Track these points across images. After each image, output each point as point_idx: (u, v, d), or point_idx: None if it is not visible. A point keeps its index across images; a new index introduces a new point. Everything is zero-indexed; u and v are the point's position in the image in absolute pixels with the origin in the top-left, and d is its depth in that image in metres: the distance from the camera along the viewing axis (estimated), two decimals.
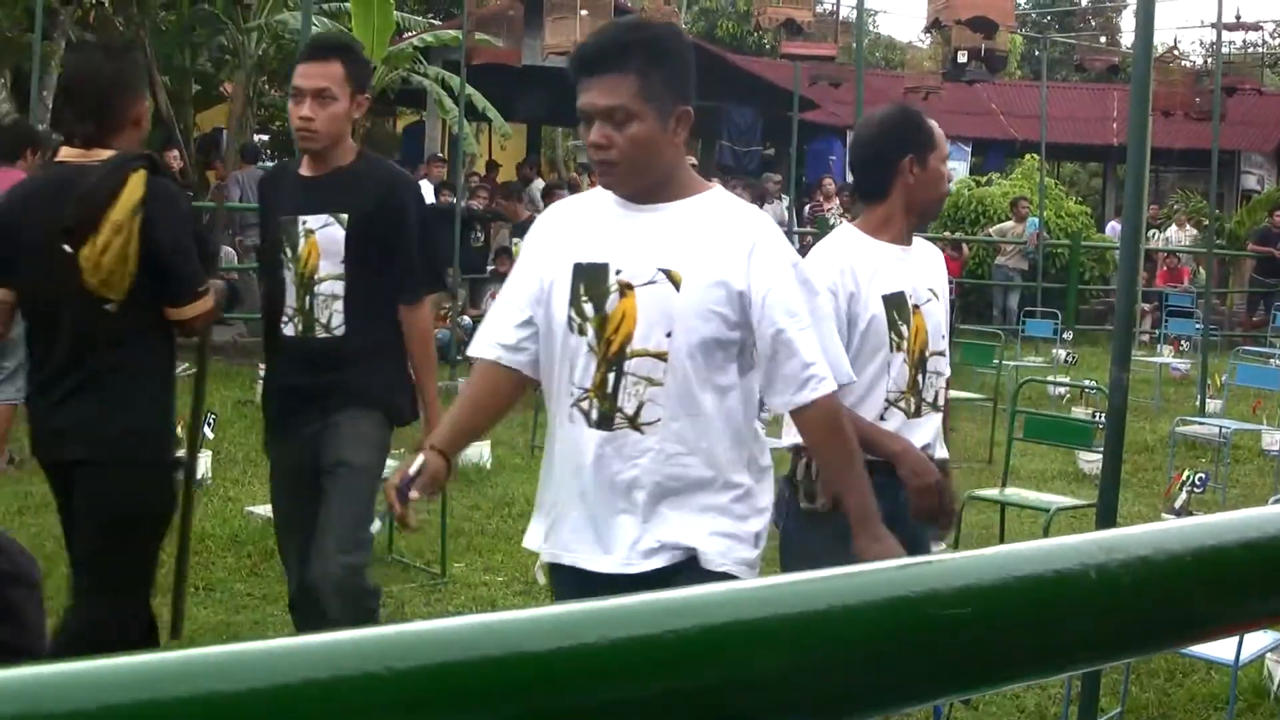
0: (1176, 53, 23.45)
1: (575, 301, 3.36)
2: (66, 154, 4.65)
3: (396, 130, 29.78)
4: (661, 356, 3.30)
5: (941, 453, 4.33)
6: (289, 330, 4.90)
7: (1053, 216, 22.05)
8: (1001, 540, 7.06)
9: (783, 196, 20.34)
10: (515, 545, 7.51)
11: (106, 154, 4.55)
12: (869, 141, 4.27)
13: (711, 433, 3.33)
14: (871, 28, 39.69)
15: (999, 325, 18.10)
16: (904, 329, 4.12)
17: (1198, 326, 16.52)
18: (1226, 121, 19.10)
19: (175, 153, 18.24)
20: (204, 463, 9.34)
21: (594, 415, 3.35)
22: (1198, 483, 8.27)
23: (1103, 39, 37.91)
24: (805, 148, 25.85)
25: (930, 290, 4.24)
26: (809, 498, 4.02)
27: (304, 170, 4.99)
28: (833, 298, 3.95)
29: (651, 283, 3.30)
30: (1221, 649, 4.79)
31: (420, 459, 3.45)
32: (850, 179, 14.76)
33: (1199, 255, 21.01)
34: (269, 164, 17.47)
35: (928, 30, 15.74)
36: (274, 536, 7.89)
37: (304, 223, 4.86)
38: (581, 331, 3.36)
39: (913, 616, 0.71)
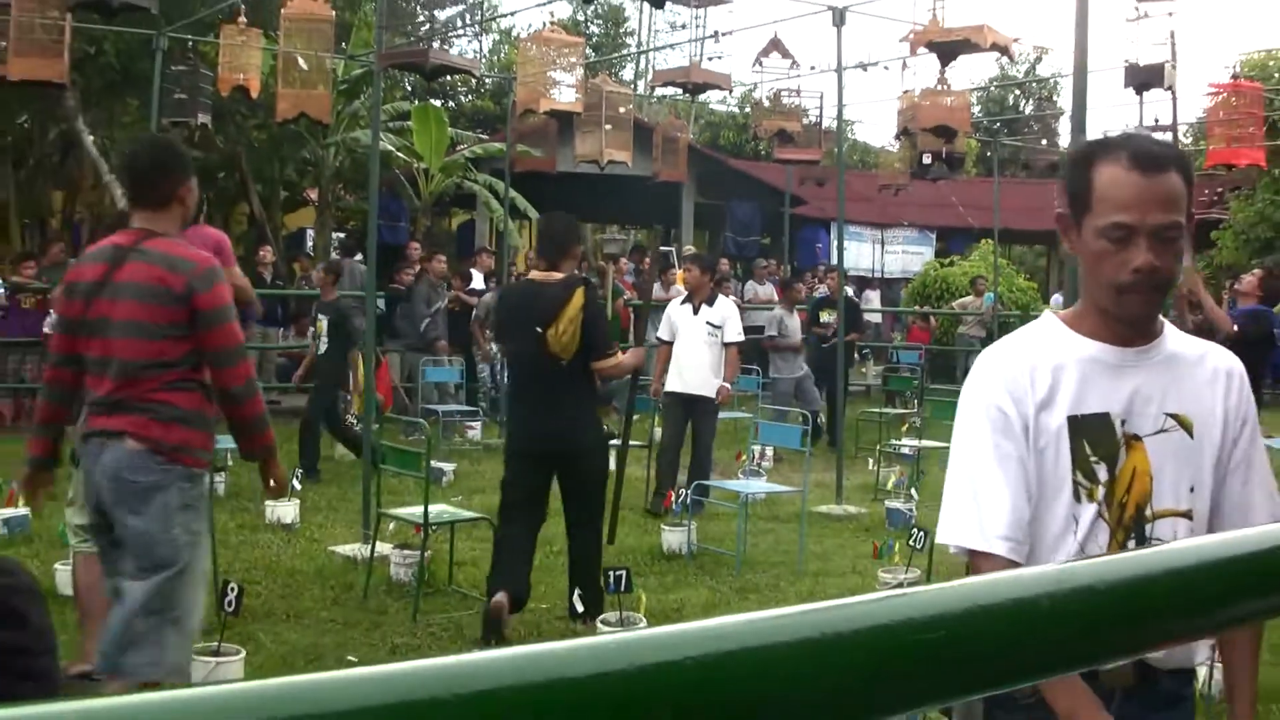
0: None
1: None
2: (535, 275, 6.87)
3: (452, 228, 29.95)
4: None
5: (1201, 657, 2.68)
6: None
7: (1006, 291, 22.14)
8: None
9: (774, 279, 20.41)
10: (555, 578, 7.48)
11: (559, 275, 6.68)
12: None
13: None
14: (850, 135, 39.80)
15: (962, 385, 18.06)
16: (1100, 470, 2.41)
17: None
18: None
19: (268, 248, 18.38)
20: (293, 510, 9.36)
21: None
22: None
23: (1044, 141, 38.07)
24: (796, 237, 26.05)
25: (1171, 416, 2.43)
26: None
27: None
28: (1003, 416, 2.48)
29: None
30: None
31: None
32: (835, 261, 14.53)
33: None
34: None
35: (897, 137, 15.78)
36: (354, 571, 7.87)
37: None
38: None
39: (893, 641, 0.71)
